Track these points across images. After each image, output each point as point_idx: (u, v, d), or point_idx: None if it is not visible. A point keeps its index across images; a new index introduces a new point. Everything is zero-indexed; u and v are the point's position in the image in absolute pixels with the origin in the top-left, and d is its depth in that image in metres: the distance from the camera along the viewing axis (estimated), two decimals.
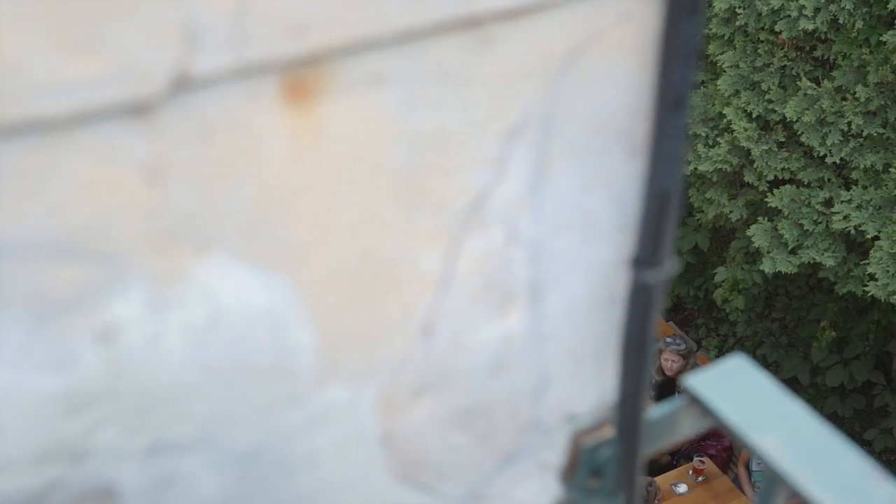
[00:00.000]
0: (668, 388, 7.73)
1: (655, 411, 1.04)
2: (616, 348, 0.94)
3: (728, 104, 6.66)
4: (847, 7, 6.00)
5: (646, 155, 0.83)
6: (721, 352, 8.17)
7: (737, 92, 6.67)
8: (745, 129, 6.50)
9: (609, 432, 0.99)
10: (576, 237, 0.87)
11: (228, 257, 0.68)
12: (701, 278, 8.27)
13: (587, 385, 0.98)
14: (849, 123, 6.05)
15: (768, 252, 6.46)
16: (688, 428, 1.05)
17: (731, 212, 6.82)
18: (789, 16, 6.22)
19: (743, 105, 6.56)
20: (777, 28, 6.30)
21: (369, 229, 0.75)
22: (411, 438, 0.89)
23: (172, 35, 0.58)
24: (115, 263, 0.64)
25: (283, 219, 0.70)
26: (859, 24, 5.99)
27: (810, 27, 6.10)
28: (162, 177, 0.63)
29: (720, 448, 7.65)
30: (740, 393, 1.03)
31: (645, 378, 0.95)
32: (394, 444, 0.88)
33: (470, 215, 0.80)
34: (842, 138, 6.12)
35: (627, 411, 0.96)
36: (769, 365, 7.95)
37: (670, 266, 0.87)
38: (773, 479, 0.98)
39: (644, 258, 0.86)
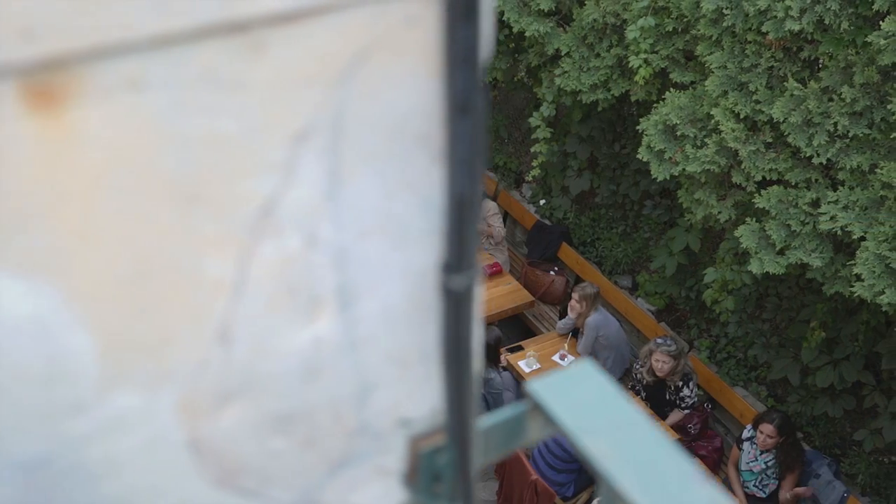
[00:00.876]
0: (658, 388, 7.73)
1: (494, 417, 1.04)
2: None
3: (716, 105, 6.65)
4: (833, 8, 5.99)
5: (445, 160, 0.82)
6: (713, 352, 8.16)
7: (724, 93, 6.66)
8: (733, 130, 6.49)
9: (443, 438, 0.99)
10: (384, 242, 0.87)
11: None
12: (692, 279, 8.25)
13: (418, 390, 0.98)
14: (835, 124, 6.04)
15: (756, 253, 6.44)
16: (532, 433, 1.05)
17: (719, 212, 6.81)
18: (776, 16, 6.21)
19: (731, 106, 6.55)
20: (764, 29, 6.29)
21: (144, 235, 0.75)
22: (223, 444, 0.89)
23: None
24: None
25: (43, 225, 0.70)
26: (845, 25, 5.98)
27: (796, 28, 6.09)
28: None
29: (711, 449, 7.65)
30: (581, 398, 1.02)
31: (469, 384, 0.95)
32: (204, 450, 0.88)
33: (260, 220, 0.80)
34: (828, 139, 6.11)
35: (455, 417, 0.96)
36: (760, 365, 7.94)
37: (476, 272, 0.87)
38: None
39: (449, 264, 0.86)
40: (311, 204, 0.82)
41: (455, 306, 0.89)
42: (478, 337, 0.97)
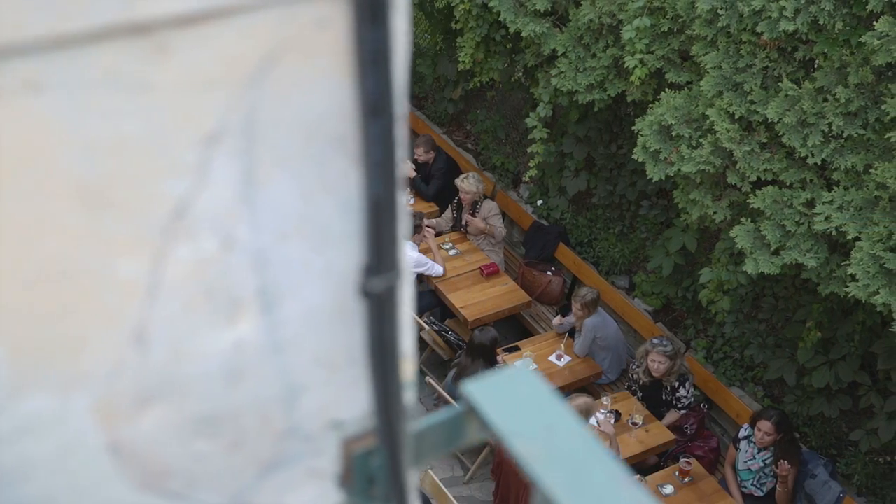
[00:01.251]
0: (655, 388, 7.72)
1: (430, 419, 1.04)
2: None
3: (711, 105, 6.64)
4: (827, 8, 5.98)
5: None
6: (709, 353, 8.15)
7: (719, 93, 6.65)
8: (728, 130, 6.47)
9: (374, 440, 0.99)
10: (304, 245, 0.87)
11: None
12: (689, 279, 8.24)
13: (348, 392, 0.97)
14: (829, 124, 6.03)
15: (751, 253, 6.43)
16: (470, 435, 1.04)
17: (715, 213, 6.80)
18: (770, 17, 6.19)
19: (726, 106, 6.54)
20: (759, 29, 6.28)
21: (50, 238, 0.75)
22: (145, 447, 0.89)
23: None
24: None
25: None
26: (839, 25, 5.97)
27: (791, 28, 6.08)
28: None
29: (707, 449, 7.64)
30: (515, 400, 1.02)
31: (397, 386, 0.94)
32: (125, 453, 0.87)
33: (173, 222, 0.80)
34: (823, 139, 6.10)
35: (383, 420, 0.95)
36: (757, 366, 7.92)
37: (399, 274, 0.87)
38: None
39: (369, 266, 0.86)
40: (226, 206, 0.81)
41: (377, 309, 0.88)
42: (407, 339, 0.97)
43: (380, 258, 0.86)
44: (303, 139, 0.82)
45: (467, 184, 9.10)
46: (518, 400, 1.02)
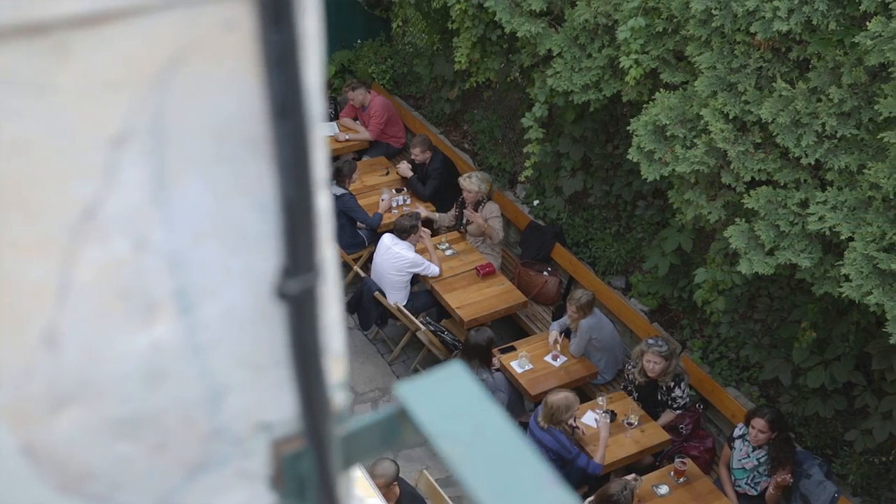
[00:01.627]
0: (650, 389, 7.72)
1: (363, 420, 1.03)
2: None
3: (705, 105, 6.63)
4: (820, 8, 5.97)
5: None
6: (705, 353, 8.14)
7: (714, 93, 6.64)
8: (722, 131, 6.47)
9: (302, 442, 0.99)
10: (221, 246, 0.87)
11: None
12: (685, 279, 8.23)
13: (274, 393, 0.97)
14: (823, 125, 6.02)
15: (745, 253, 6.42)
16: (405, 437, 1.04)
17: (709, 213, 6.79)
18: (764, 17, 6.19)
19: (720, 106, 6.53)
20: (752, 29, 6.27)
21: None
22: (63, 449, 0.88)
23: None
24: None
25: None
26: (833, 26, 5.95)
27: (784, 28, 6.07)
28: None
29: (703, 449, 7.63)
30: (446, 402, 1.02)
31: (322, 388, 0.94)
32: (41, 456, 0.87)
33: (82, 224, 0.79)
34: (816, 139, 6.09)
35: (309, 421, 0.95)
36: (752, 366, 7.91)
37: (317, 276, 0.86)
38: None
39: (285, 267, 0.86)
40: (137, 207, 0.81)
41: (295, 310, 0.88)
42: (334, 340, 0.97)
43: (296, 260, 0.85)
44: (214, 141, 0.81)
45: (469, 183, 9.09)
46: (449, 401, 1.02)
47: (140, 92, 0.77)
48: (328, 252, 0.92)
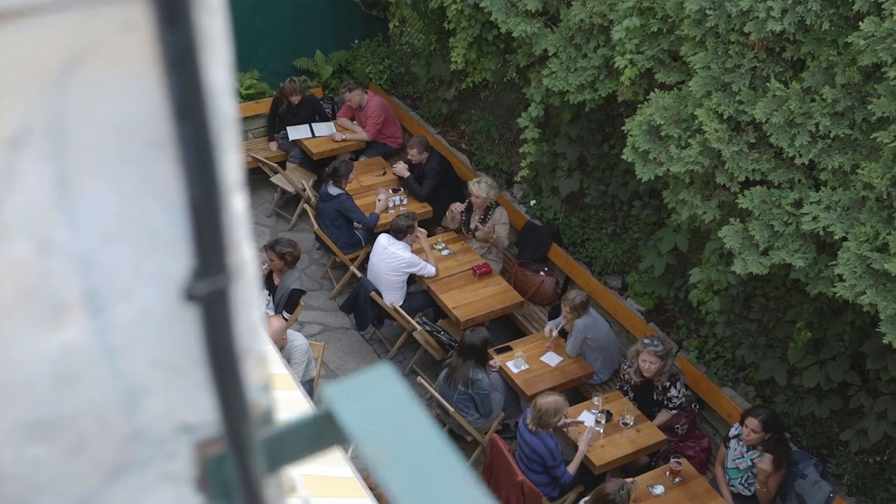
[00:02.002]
0: (646, 388, 7.71)
1: (289, 422, 1.03)
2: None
3: (700, 105, 6.62)
4: (814, 8, 5.96)
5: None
6: (701, 353, 8.13)
7: (708, 93, 6.63)
8: (716, 131, 6.45)
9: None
10: (132, 248, 0.86)
11: None
12: (681, 279, 8.22)
13: (196, 395, 0.97)
14: (816, 125, 6.01)
15: (740, 253, 6.41)
16: (332, 439, 1.04)
17: (704, 213, 6.78)
18: (758, 17, 6.17)
19: (714, 106, 6.52)
20: (746, 29, 6.26)
21: None
22: None
23: None
24: None
25: None
26: (826, 26, 5.94)
27: (778, 28, 6.06)
28: None
29: (699, 449, 7.62)
30: (372, 403, 1.01)
31: (240, 390, 0.94)
32: None
33: None
34: (810, 139, 6.08)
35: (227, 423, 0.95)
36: (748, 366, 7.90)
37: (227, 277, 0.86)
38: None
39: (195, 269, 0.85)
40: (39, 209, 0.81)
41: (207, 312, 0.88)
42: (253, 343, 0.96)
43: (204, 262, 0.85)
44: (117, 142, 0.81)
45: (477, 188, 9.05)
46: (376, 403, 1.02)
47: (37, 93, 0.76)
48: (245, 254, 0.92)
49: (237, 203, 0.89)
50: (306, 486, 2.05)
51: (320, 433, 1.04)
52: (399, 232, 8.64)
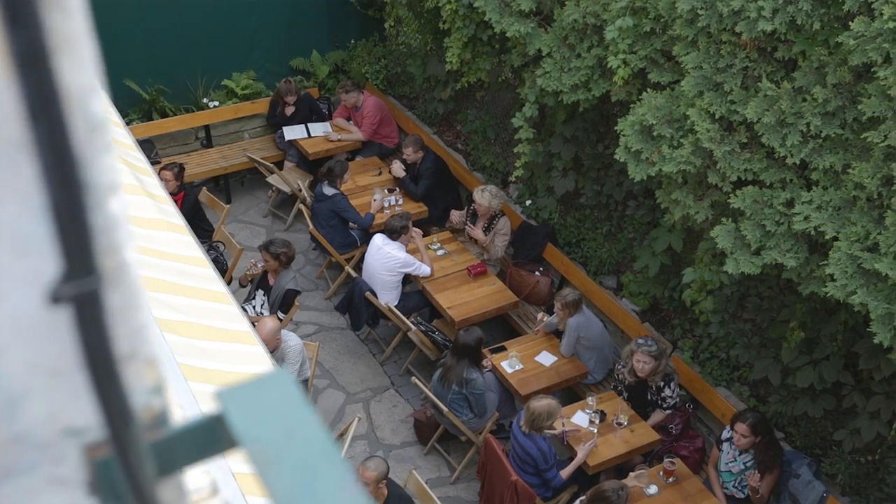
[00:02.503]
0: (640, 388, 7.69)
1: (181, 425, 1.02)
2: None
3: (692, 105, 6.60)
4: (805, 8, 5.94)
5: None
6: (696, 353, 8.11)
7: (700, 93, 6.61)
8: (708, 130, 6.44)
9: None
10: (1, 250, 0.86)
11: None
12: (675, 279, 8.21)
13: (79, 398, 0.96)
14: (808, 124, 5.99)
15: (732, 253, 6.39)
16: (226, 442, 1.03)
17: (697, 213, 6.76)
18: (749, 17, 6.16)
19: (706, 106, 6.51)
20: (738, 29, 6.24)
21: None
22: None
23: None
24: None
25: None
26: (817, 25, 5.92)
27: (769, 28, 6.04)
28: None
29: (693, 449, 7.61)
30: (263, 406, 1.01)
31: (118, 393, 0.93)
32: None
33: None
34: (801, 139, 6.06)
35: (110, 427, 0.94)
36: (742, 366, 7.88)
37: (96, 280, 0.85)
38: None
39: (62, 271, 0.84)
40: None
41: (78, 315, 0.87)
42: (142, 345, 0.96)
43: (69, 264, 0.84)
44: None
45: (481, 197, 9.03)
46: (266, 406, 1.01)
47: None
48: (125, 257, 0.91)
49: (113, 205, 0.89)
50: (242, 485, 2.05)
51: (211, 436, 1.03)
52: (394, 232, 8.64)
